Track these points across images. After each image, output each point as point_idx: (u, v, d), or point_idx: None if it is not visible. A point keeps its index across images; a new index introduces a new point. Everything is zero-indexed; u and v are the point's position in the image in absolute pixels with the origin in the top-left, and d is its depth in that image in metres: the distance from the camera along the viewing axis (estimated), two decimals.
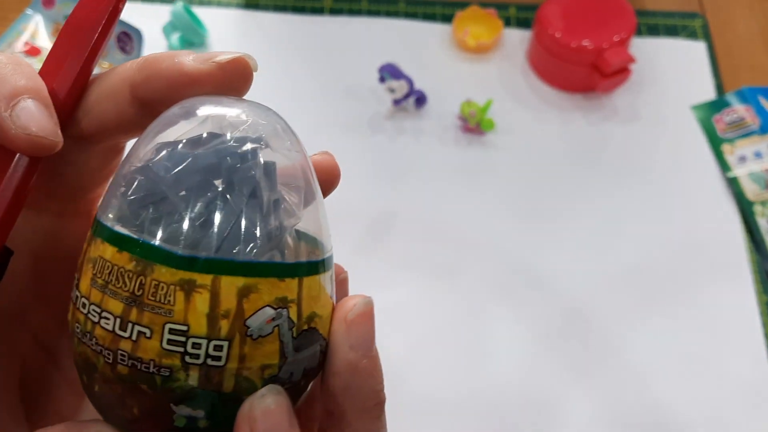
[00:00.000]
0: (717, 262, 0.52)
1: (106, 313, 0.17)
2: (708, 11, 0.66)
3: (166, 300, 0.17)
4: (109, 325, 0.17)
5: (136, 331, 0.17)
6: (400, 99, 0.57)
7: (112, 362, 0.17)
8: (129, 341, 0.17)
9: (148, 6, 0.64)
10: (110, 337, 0.17)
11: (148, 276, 0.17)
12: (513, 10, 0.65)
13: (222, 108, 0.19)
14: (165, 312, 0.17)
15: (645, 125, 0.59)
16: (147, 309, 0.17)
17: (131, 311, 0.17)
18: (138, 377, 0.17)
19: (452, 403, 0.46)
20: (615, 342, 0.49)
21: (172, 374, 0.17)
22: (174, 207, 0.17)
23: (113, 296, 0.17)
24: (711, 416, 0.46)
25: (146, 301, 0.17)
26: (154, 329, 0.17)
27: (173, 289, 0.17)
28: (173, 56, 0.20)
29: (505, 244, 0.52)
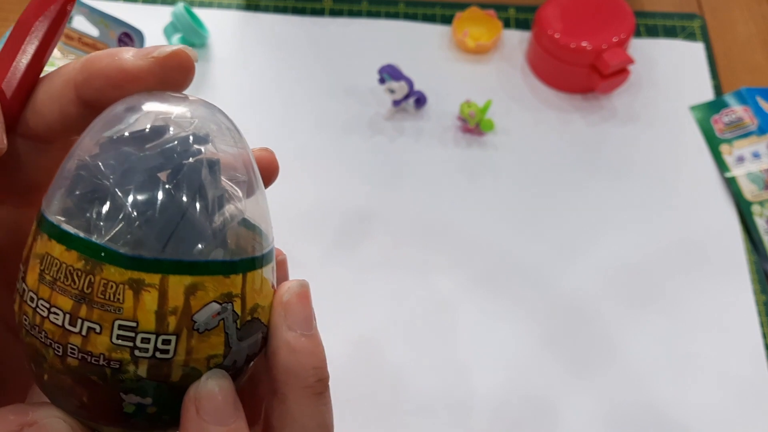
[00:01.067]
0: (715, 262, 0.52)
1: (55, 308, 0.18)
2: (706, 12, 0.66)
3: (116, 298, 0.17)
4: (59, 320, 0.18)
5: (86, 327, 0.18)
6: (399, 100, 0.57)
7: (61, 355, 0.18)
8: (79, 336, 0.18)
9: (149, 7, 0.65)
10: (60, 331, 0.18)
11: (97, 275, 0.17)
12: (512, 11, 0.66)
13: (166, 105, 0.20)
14: (114, 309, 0.17)
15: (644, 126, 0.59)
16: (96, 306, 0.17)
17: (81, 308, 0.18)
18: (88, 369, 0.18)
19: (451, 402, 0.46)
20: (614, 341, 0.49)
21: (122, 367, 0.18)
22: (120, 206, 0.18)
23: (62, 293, 0.18)
24: (709, 415, 0.46)
25: (96, 299, 0.17)
26: (104, 325, 0.18)
27: (122, 288, 0.17)
28: (113, 54, 0.20)
29: (504, 244, 0.53)
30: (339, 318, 0.49)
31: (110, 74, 0.20)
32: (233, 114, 0.63)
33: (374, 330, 0.49)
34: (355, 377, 0.47)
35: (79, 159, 0.19)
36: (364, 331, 0.49)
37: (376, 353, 0.48)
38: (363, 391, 0.46)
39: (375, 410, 0.46)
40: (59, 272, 0.18)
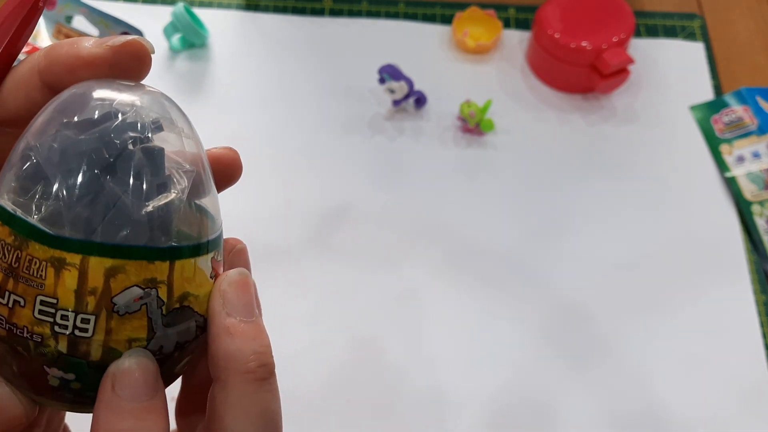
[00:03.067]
0: (715, 262, 0.52)
1: None
2: (706, 12, 0.66)
3: (39, 274, 0.18)
4: None
5: (12, 300, 0.19)
6: (399, 100, 0.57)
7: None
8: (6, 308, 0.19)
9: (149, 7, 0.65)
10: None
11: (24, 251, 0.18)
12: (512, 11, 0.66)
13: (115, 92, 0.20)
14: (37, 285, 0.18)
15: (644, 126, 0.59)
16: (21, 281, 0.19)
17: (8, 281, 0.19)
18: (14, 340, 0.19)
19: (451, 402, 0.46)
20: (614, 341, 0.49)
21: (43, 341, 0.19)
22: (51, 187, 0.19)
23: None
24: (709, 415, 0.46)
25: (21, 274, 0.18)
26: (27, 299, 0.18)
27: (45, 265, 0.18)
28: (73, 42, 0.21)
29: (504, 244, 0.53)
30: (338, 318, 0.49)
31: (67, 61, 0.21)
32: (233, 114, 0.63)
33: (374, 329, 0.49)
34: (354, 377, 0.47)
35: (26, 141, 0.20)
36: (364, 331, 0.49)
37: (375, 353, 0.48)
38: (362, 391, 0.46)
39: (375, 410, 0.46)
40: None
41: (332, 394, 0.46)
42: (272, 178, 0.55)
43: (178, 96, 0.71)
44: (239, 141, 0.57)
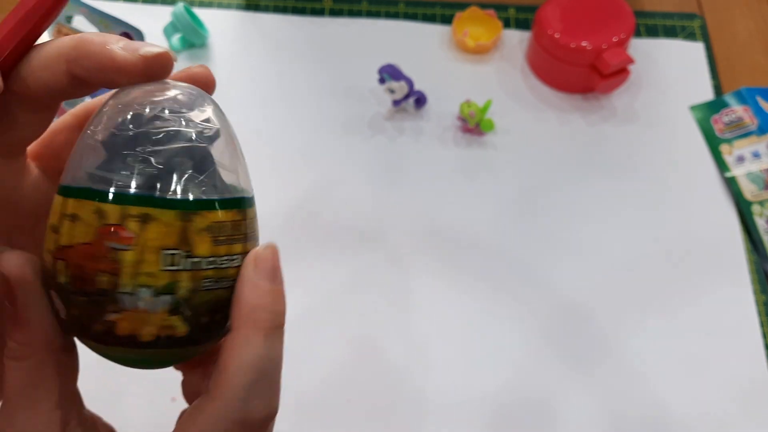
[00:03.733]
0: (715, 262, 0.52)
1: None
2: (706, 12, 0.66)
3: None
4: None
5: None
6: (399, 100, 0.57)
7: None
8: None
9: (149, 7, 0.65)
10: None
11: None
12: (512, 11, 0.66)
13: (175, 91, 0.24)
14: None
15: (644, 126, 0.59)
16: None
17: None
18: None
19: (450, 402, 0.46)
20: (613, 341, 0.49)
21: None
22: (137, 165, 0.22)
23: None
24: (709, 415, 0.46)
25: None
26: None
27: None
28: (104, 42, 0.23)
29: (504, 244, 0.53)
30: (338, 318, 0.49)
31: (101, 60, 0.23)
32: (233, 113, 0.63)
33: (373, 329, 0.49)
34: (354, 377, 0.47)
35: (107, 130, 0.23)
36: (363, 331, 0.49)
37: (375, 353, 0.48)
38: (362, 391, 0.46)
39: (374, 410, 0.46)
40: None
41: (332, 394, 0.46)
42: (272, 178, 0.55)
43: None
44: (239, 141, 0.57)
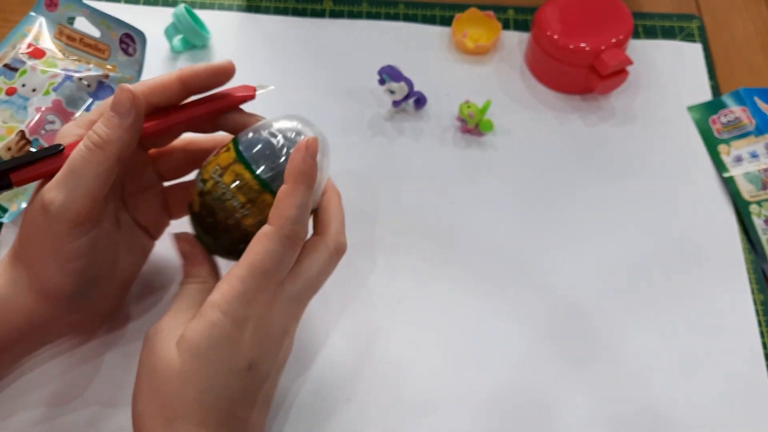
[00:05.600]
0: (713, 262, 0.52)
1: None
2: (705, 13, 0.66)
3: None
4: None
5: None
6: (399, 100, 0.58)
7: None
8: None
9: (151, 8, 0.65)
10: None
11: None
12: (511, 12, 0.66)
13: (293, 120, 0.41)
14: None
15: (642, 126, 0.59)
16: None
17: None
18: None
19: (450, 401, 0.46)
20: (612, 341, 0.49)
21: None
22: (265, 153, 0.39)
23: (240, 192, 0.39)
24: (708, 414, 0.46)
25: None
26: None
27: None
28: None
29: (503, 244, 0.53)
30: (337, 317, 0.49)
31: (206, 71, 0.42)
32: None
33: (373, 329, 0.49)
34: (355, 376, 0.47)
35: (257, 134, 0.40)
36: (364, 330, 0.49)
37: (374, 352, 0.48)
38: (362, 390, 0.47)
39: (374, 409, 0.46)
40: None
41: (332, 394, 0.46)
42: None
43: None
44: None
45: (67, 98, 0.55)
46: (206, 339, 0.35)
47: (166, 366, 0.35)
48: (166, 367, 0.35)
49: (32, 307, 0.39)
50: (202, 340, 0.35)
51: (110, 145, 0.37)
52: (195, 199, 0.39)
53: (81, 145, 0.37)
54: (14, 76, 0.55)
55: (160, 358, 0.35)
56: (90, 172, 0.36)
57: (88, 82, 0.56)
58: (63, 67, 0.56)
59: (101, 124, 0.37)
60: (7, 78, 0.55)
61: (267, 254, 0.36)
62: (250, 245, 0.36)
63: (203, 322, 0.35)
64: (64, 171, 0.37)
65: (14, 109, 0.54)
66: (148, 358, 0.36)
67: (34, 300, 0.39)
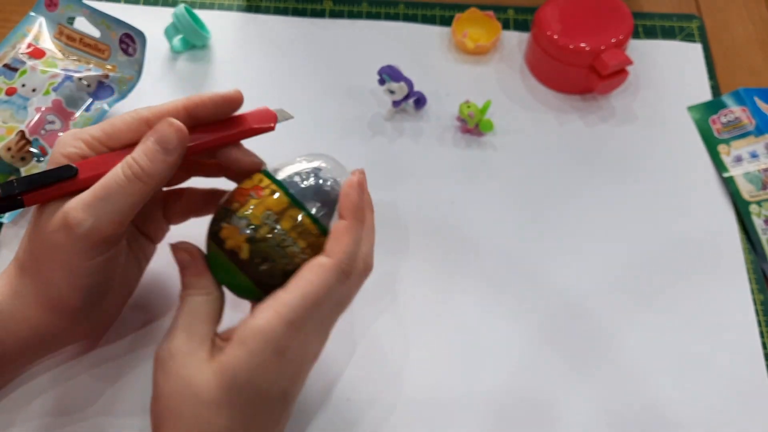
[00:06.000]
0: (713, 262, 0.53)
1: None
2: (705, 13, 0.67)
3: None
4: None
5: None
6: (399, 100, 0.58)
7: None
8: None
9: (150, 8, 0.65)
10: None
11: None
12: (511, 12, 0.66)
13: (320, 158, 0.42)
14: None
15: (642, 126, 0.59)
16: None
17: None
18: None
19: (449, 401, 0.47)
20: (612, 340, 0.49)
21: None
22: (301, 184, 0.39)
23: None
24: (707, 414, 0.46)
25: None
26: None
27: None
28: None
29: (503, 244, 0.53)
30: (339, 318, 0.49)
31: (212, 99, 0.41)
32: None
33: (373, 328, 0.49)
34: (355, 376, 0.47)
35: (301, 177, 0.40)
36: (363, 330, 0.49)
37: (374, 352, 0.48)
38: (362, 390, 0.47)
39: (374, 409, 0.46)
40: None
41: (332, 394, 0.46)
42: None
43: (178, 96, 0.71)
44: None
45: (67, 98, 0.55)
46: (245, 369, 0.34)
47: (199, 392, 0.34)
48: (198, 394, 0.34)
49: (38, 319, 0.39)
50: (242, 369, 0.34)
51: (151, 179, 0.36)
52: (242, 246, 0.37)
53: (119, 172, 0.36)
54: (14, 76, 0.55)
55: (188, 383, 0.34)
56: (124, 201, 0.36)
57: (88, 82, 0.56)
58: (63, 67, 0.56)
59: (144, 155, 0.36)
60: (7, 78, 0.55)
61: (323, 285, 0.35)
62: (303, 273, 0.36)
63: (244, 350, 0.34)
64: (95, 194, 0.36)
65: (14, 109, 0.54)
66: (171, 382, 0.35)
67: (40, 312, 0.38)
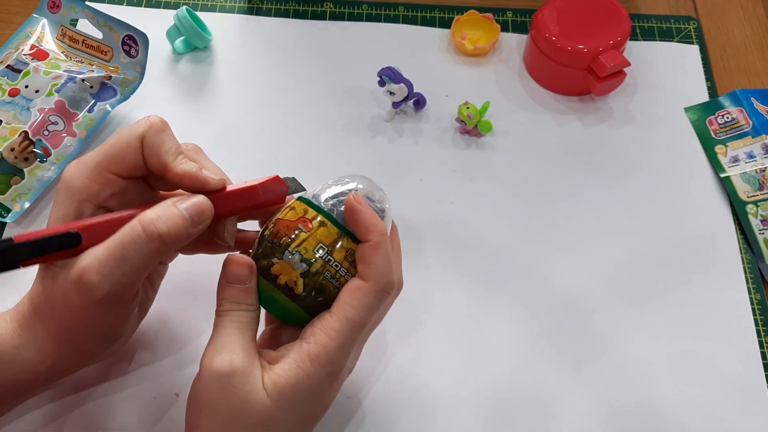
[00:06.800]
0: (710, 261, 0.53)
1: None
2: (702, 15, 0.67)
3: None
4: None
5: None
6: (399, 102, 0.58)
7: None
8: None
9: (153, 10, 0.65)
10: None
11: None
12: (510, 14, 0.66)
13: (354, 181, 0.40)
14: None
15: (639, 127, 0.60)
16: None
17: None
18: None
19: (448, 400, 0.47)
20: (610, 339, 0.49)
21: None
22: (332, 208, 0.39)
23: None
24: (705, 412, 0.47)
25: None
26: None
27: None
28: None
29: (502, 244, 0.53)
30: None
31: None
32: (235, 115, 0.64)
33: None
34: (355, 375, 0.47)
35: (340, 196, 0.39)
36: None
37: (374, 351, 0.48)
38: (362, 389, 0.47)
39: (374, 408, 0.46)
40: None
41: None
42: None
43: (180, 98, 0.71)
44: (241, 142, 0.58)
45: (70, 99, 0.55)
46: (300, 391, 0.35)
47: (256, 412, 0.35)
48: (255, 413, 0.35)
49: (53, 358, 0.38)
50: (297, 392, 0.35)
51: (169, 246, 0.35)
52: (297, 281, 0.37)
53: (138, 230, 0.34)
54: (17, 78, 0.55)
55: (247, 400, 0.35)
56: (141, 262, 0.34)
57: (91, 84, 0.56)
58: (66, 68, 0.56)
59: (162, 215, 0.35)
60: (10, 79, 0.55)
61: (365, 309, 0.37)
62: (343, 298, 0.37)
63: (301, 373, 0.35)
64: (111, 255, 0.34)
65: (17, 110, 0.54)
66: (232, 398, 0.35)
67: (56, 352, 0.38)
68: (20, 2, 0.66)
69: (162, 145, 0.37)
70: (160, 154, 0.37)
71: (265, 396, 0.35)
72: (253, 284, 0.38)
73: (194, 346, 0.48)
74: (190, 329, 0.48)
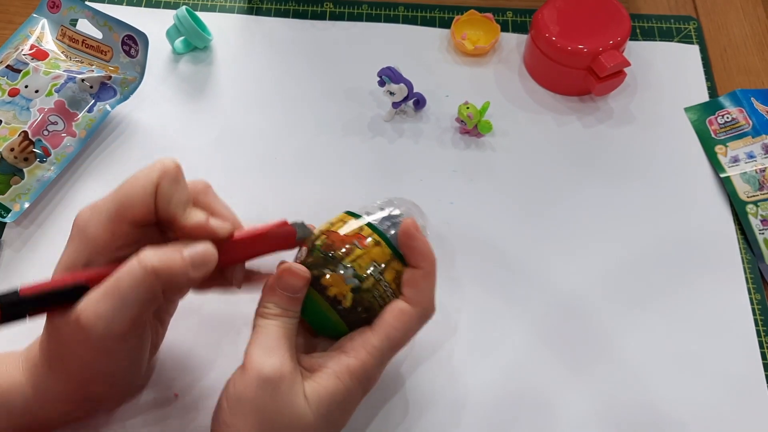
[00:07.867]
0: (710, 261, 0.53)
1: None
2: (702, 15, 0.67)
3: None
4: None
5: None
6: (399, 102, 0.58)
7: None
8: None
9: (153, 10, 0.65)
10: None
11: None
12: (510, 15, 0.66)
13: (402, 206, 0.43)
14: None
15: (640, 127, 0.60)
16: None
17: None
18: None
19: (449, 399, 0.47)
20: (610, 339, 0.49)
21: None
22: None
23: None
24: (705, 413, 0.47)
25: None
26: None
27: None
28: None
29: (502, 244, 0.53)
30: None
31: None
32: (235, 115, 0.64)
33: None
34: None
35: (389, 219, 0.41)
36: None
37: None
38: None
39: (373, 408, 0.46)
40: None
41: None
42: (273, 179, 0.56)
43: (180, 98, 0.72)
44: (241, 142, 0.58)
45: (70, 99, 0.55)
46: (337, 402, 0.37)
47: (297, 419, 0.36)
48: (296, 420, 0.36)
49: (67, 406, 0.39)
50: (333, 402, 0.37)
51: (173, 284, 0.35)
52: (346, 294, 0.38)
53: (129, 268, 0.34)
54: (17, 78, 0.55)
55: (290, 409, 0.36)
56: (137, 298, 0.34)
57: (91, 84, 0.56)
58: (65, 68, 0.56)
59: (161, 252, 0.35)
60: (10, 79, 0.55)
61: (405, 331, 0.38)
62: (387, 318, 0.38)
63: (340, 386, 0.37)
64: (107, 293, 0.34)
65: (17, 110, 0.54)
66: (279, 403, 0.35)
67: (71, 401, 0.38)
68: (20, 2, 0.66)
69: (172, 198, 0.36)
70: (169, 208, 0.36)
71: (306, 405, 0.36)
72: (303, 294, 0.39)
73: (194, 347, 0.48)
74: (190, 330, 0.48)
